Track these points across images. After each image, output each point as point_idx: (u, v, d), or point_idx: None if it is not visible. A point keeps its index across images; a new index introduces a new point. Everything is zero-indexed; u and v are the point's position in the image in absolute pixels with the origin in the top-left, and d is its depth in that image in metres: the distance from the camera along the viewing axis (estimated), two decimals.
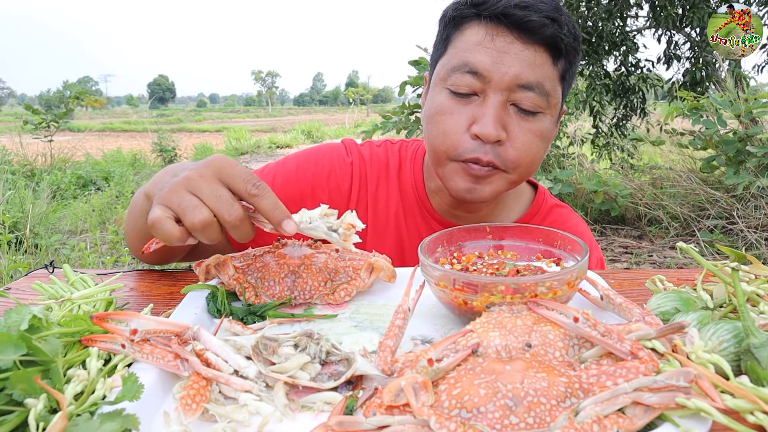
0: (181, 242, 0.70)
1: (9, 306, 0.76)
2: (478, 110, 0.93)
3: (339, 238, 0.77)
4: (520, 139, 0.94)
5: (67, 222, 5.37)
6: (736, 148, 4.21)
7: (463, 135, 0.94)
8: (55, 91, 20.91)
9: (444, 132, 0.95)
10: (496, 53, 0.90)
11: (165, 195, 0.70)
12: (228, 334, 0.70)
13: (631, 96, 6.99)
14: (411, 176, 1.15)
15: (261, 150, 14.69)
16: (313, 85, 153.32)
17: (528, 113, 0.94)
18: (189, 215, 0.68)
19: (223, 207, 0.69)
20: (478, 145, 0.93)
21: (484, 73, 0.90)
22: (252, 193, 0.71)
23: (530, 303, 0.66)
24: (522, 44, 0.90)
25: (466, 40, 0.93)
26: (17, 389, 0.50)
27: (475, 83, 0.92)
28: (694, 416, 0.47)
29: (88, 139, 14.24)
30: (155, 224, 0.69)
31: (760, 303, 0.69)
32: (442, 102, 0.96)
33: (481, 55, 0.90)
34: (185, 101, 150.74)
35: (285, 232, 0.72)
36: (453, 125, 0.94)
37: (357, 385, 0.61)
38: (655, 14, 6.47)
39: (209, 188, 0.70)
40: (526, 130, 0.94)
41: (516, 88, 0.91)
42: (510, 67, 0.90)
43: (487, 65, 0.90)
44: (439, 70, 0.98)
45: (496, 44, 0.90)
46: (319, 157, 1.16)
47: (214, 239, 0.71)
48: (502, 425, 0.48)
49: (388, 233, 1.14)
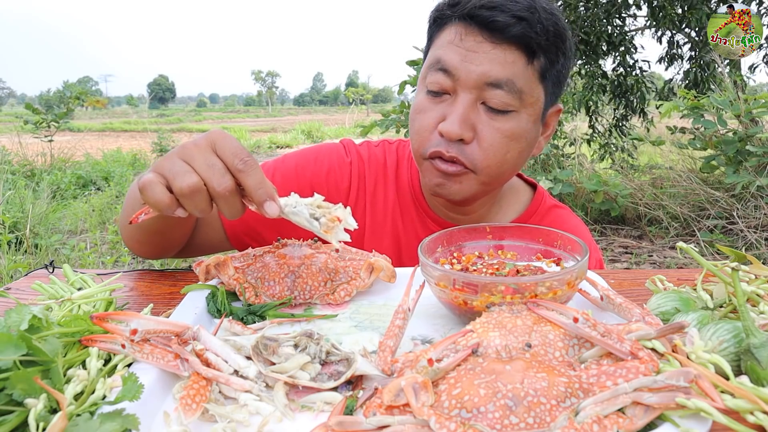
0: (171, 210, 0.69)
1: (9, 306, 0.76)
2: (448, 108, 0.95)
3: (320, 228, 0.73)
4: (487, 139, 0.94)
5: (67, 222, 5.37)
6: (736, 147, 4.21)
7: (432, 133, 0.96)
8: (55, 91, 20.89)
9: (417, 131, 0.98)
10: (465, 52, 0.92)
11: (159, 162, 0.71)
12: (228, 334, 0.70)
13: (630, 96, 6.99)
14: (408, 176, 1.16)
15: (261, 150, 14.69)
16: (313, 85, 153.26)
17: (498, 112, 0.93)
18: (178, 180, 0.68)
19: (214, 176, 0.68)
20: (442, 141, 0.95)
21: (452, 71, 0.92)
22: (238, 167, 0.69)
23: (530, 303, 0.66)
24: (491, 43, 0.91)
25: (442, 40, 0.96)
26: (17, 389, 0.50)
27: (446, 81, 0.93)
28: (694, 416, 0.47)
29: (88, 139, 14.25)
30: (145, 188, 0.68)
31: (760, 303, 0.69)
32: (419, 101, 0.98)
33: (451, 53, 0.93)
34: (185, 101, 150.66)
35: (266, 213, 0.70)
36: (425, 123, 0.97)
37: (357, 385, 0.61)
38: (654, 14, 6.47)
39: (202, 157, 0.69)
40: (494, 130, 0.94)
41: (484, 86, 0.92)
42: (477, 65, 0.91)
43: (456, 63, 0.92)
44: (423, 69, 1.00)
45: (465, 43, 0.92)
46: (318, 156, 1.16)
47: (202, 210, 0.70)
48: (502, 425, 0.48)
49: (385, 233, 1.14)
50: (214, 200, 0.70)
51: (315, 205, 0.75)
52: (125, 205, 1.01)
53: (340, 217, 0.75)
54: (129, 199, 1.00)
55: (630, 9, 6.67)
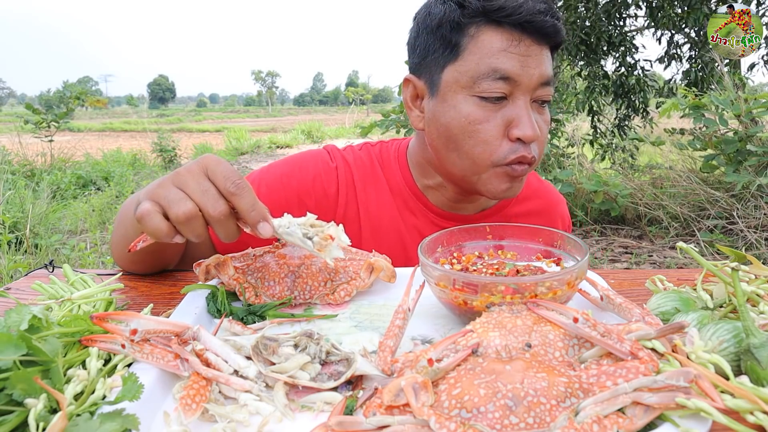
0: (169, 238, 0.71)
1: (9, 306, 0.76)
2: (510, 113, 0.95)
3: (313, 247, 0.75)
4: (543, 132, 1.00)
5: (67, 222, 5.37)
6: (736, 147, 4.21)
7: (503, 140, 0.96)
8: (55, 91, 20.89)
9: (485, 140, 0.96)
10: (522, 57, 0.93)
11: (153, 190, 0.72)
12: (228, 334, 0.70)
13: (632, 96, 6.99)
14: (399, 175, 1.15)
15: (261, 150, 14.69)
16: (313, 85, 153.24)
17: (543, 104, 1.00)
18: (174, 207, 0.69)
19: (208, 201, 0.70)
20: (519, 146, 0.96)
21: (515, 78, 0.93)
22: (231, 191, 0.70)
23: (530, 303, 0.66)
24: (538, 46, 0.95)
25: (487, 47, 0.94)
26: (17, 389, 0.50)
27: (506, 88, 0.94)
28: (694, 416, 0.47)
29: (88, 139, 14.25)
30: (144, 218, 0.69)
31: (760, 303, 0.69)
32: (472, 111, 0.96)
33: (510, 61, 0.93)
34: (185, 101, 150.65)
35: (260, 234, 0.72)
36: (492, 133, 0.96)
37: (357, 385, 0.61)
38: (653, 14, 6.47)
39: (195, 183, 0.70)
40: (544, 122, 1.00)
41: (539, 86, 0.96)
42: (535, 69, 0.94)
43: (517, 70, 0.93)
44: (456, 77, 0.96)
45: (520, 49, 0.93)
46: (302, 164, 1.15)
47: (198, 235, 0.71)
48: (502, 425, 0.48)
49: (385, 233, 1.13)
50: (210, 224, 0.72)
51: (308, 225, 0.77)
52: (117, 226, 1.00)
53: (333, 235, 0.77)
54: (122, 221, 0.98)
55: (630, 9, 6.66)
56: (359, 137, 5.38)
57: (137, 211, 0.70)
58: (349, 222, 1.12)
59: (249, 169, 9.85)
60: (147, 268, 1.02)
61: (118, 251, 1.00)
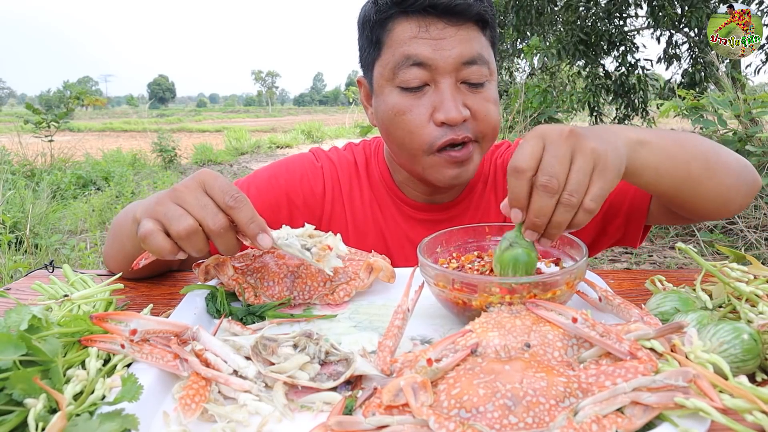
0: (172, 255, 0.72)
1: (9, 306, 0.76)
2: (435, 98, 0.96)
3: (312, 258, 0.77)
4: (481, 110, 0.98)
5: (67, 222, 5.37)
6: (736, 147, 4.21)
7: (428, 127, 0.96)
8: (55, 91, 20.90)
9: (410, 130, 0.97)
10: (433, 41, 0.94)
11: (153, 207, 0.72)
12: (227, 335, 0.70)
13: (632, 95, 6.99)
14: (377, 171, 1.17)
15: (261, 150, 14.67)
16: (313, 85, 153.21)
17: (478, 85, 0.98)
18: (174, 224, 0.70)
19: (207, 216, 0.71)
20: (446, 129, 0.96)
21: (428, 62, 0.94)
22: (229, 204, 0.72)
23: (529, 303, 0.66)
24: (454, 27, 0.94)
25: (399, 37, 0.96)
26: (17, 389, 0.50)
27: (424, 74, 0.95)
28: (692, 416, 0.47)
29: (88, 139, 14.24)
30: (147, 238, 0.70)
31: (759, 303, 0.69)
32: (396, 102, 0.98)
33: (420, 47, 0.94)
34: (185, 101, 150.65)
35: (260, 246, 0.73)
36: (416, 121, 0.96)
37: (356, 385, 0.61)
38: (654, 14, 6.47)
39: (194, 198, 0.72)
40: (482, 100, 0.98)
41: (461, 66, 0.95)
42: (450, 50, 0.94)
43: (429, 53, 0.93)
44: (381, 71, 1.00)
45: (431, 33, 0.94)
46: (289, 166, 1.18)
47: (200, 249, 0.72)
48: (501, 425, 0.48)
49: (368, 230, 1.16)
50: (210, 238, 0.73)
51: (306, 235, 0.79)
52: (113, 238, 1.00)
53: (331, 245, 0.79)
54: (117, 234, 0.98)
55: (630, 8, 6.67)
56: (359, 137, 5.38)
57: (139, 231, 0.71)
58: (337, 219, 1.15)
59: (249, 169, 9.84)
60: (147, 274, 1.02)
61: (116, 263, 1.00)
